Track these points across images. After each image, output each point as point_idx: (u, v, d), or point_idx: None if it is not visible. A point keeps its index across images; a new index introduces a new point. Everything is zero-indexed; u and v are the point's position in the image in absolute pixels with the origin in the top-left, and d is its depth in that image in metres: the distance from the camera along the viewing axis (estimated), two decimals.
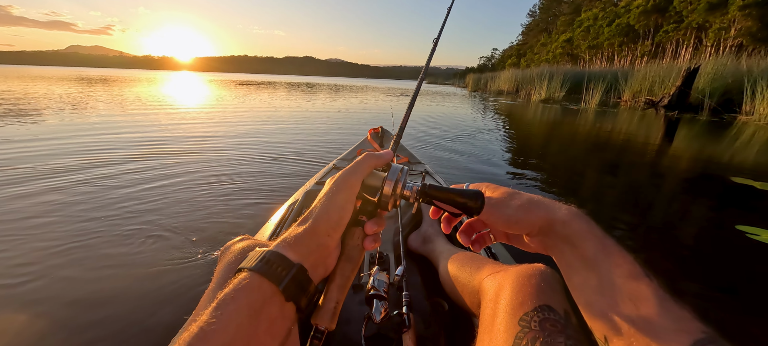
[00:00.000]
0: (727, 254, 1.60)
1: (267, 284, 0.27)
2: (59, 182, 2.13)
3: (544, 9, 51.74)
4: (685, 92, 8.60)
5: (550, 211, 0.35)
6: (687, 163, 3.37)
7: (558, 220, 0.34)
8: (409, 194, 0.37)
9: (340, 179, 0.34)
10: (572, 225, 0.33)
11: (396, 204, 0.37)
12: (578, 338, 0.36)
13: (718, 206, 2.22)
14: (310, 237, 0.32)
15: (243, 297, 0.26)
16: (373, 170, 0.37)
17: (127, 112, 5.66)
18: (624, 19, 23.88)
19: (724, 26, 16.10)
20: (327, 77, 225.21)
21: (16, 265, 1.26)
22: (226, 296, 0.26)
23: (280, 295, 0.28)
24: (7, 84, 12.28)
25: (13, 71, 35.75)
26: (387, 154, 0.38)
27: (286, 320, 0.29)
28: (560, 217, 0.34)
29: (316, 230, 0.32)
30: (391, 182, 0.35)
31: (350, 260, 0.35)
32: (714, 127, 6.11)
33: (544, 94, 12.99)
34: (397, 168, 0.37)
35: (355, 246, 0.35)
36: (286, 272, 0.28)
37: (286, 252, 0.30)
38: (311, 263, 0.31)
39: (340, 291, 0.34)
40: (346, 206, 0.34)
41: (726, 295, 1.29)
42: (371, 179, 0.36)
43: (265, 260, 0.28)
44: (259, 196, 2.02)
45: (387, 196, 0.35)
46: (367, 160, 0.36)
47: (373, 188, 0.36)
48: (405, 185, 0.37)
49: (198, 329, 0.23)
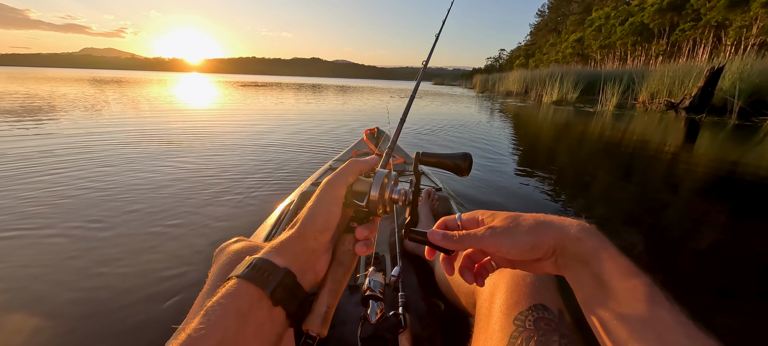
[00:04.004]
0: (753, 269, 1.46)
1: (254, 288, 0.28)
2: (52, 181, 2.15)
3: (554, 8, 50.95)
4: (707, 93, 8.14)
5: (561, 230, 0.32)
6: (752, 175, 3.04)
7: (570, 238, 0.31)
8: (398, 198, 0.36)
9: (325, 185, 0.35)
10: (585, 243, 0.31)
11: (387, 209, 0.36)
12: (572, 337, 0.37)
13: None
14: (297, 242, 0.32)
15: (230, 303, 0.26)
16: (360, 176, 0.36)
17: (129, 113, 5.63)
18: (638, 17, 23.21)
19: (745, 24, 15.44)
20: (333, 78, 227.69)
21: (16, 265, 1.26)
22: (214, 303, 0.26)
23: (268, 299, 0.28)
24: (27, 85, 12.59)
25: (30, 73, 37.41)
26: (372, 160, 0.38)
27: (275, 325, 0.29)
28: (572, 234, 0.31)
29: (302, 234, 0.32)
30: (378, 187, 0.35)
31: (342, 265, 0.35)
32: (749, 132, 5.67)
33: (556, 96, 12.56)
34: (382, 173, 0.36)
35: (346, 251, 0.36)
36: (272, 277, 0.29)
37: (273, 258, 0.30)
38: (299, 267, 0.31)
39: (331, 296, 0.34)
40: (331, 210, 0.34)
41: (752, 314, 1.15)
42: (358, 185, 0.36)
43: (252, 266, 0.29)
44: (255, 197, 2.01)
45: (375, 201, 0.35)
46: (352, 166, 0.36)
47: (361, 193, 0.35)
48: (393, 189, 0.36)
49: (186, 337, 0.24)
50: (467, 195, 2.20)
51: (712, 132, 5.62)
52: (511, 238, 0.33)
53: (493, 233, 0.33)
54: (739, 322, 1.13)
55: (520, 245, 0.32)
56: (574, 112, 8.88)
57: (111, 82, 19.91)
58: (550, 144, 4.51)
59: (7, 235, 1.47)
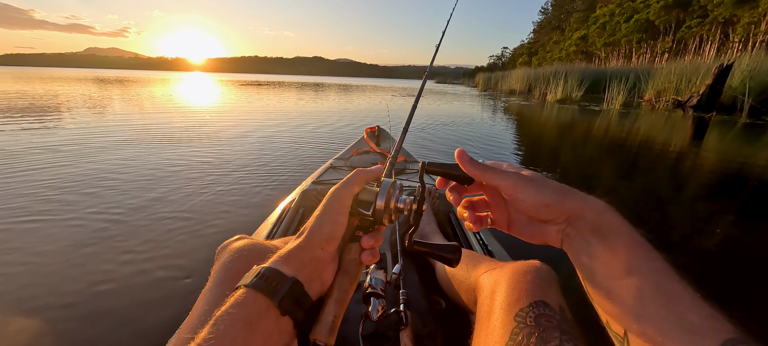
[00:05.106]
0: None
1: (262, 298, 0.28)
2: (55, 175, 2.19)
3: (557, 6, 50.52)
4: (716, 91, 7.97)
5: (585, 200, 0.33)
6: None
7: (591, 209, 0.32)
8: (403, 207, 0.37)
9: (332, 195, 0.35)
10: (605, 217, 0.31)
11: (391, 219, 0.37)
12: (573, 333, 0.37)
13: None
14: (304, 251, 0.32)
15: (239, 312, 0.27)
16: (365, 186, 0.37)
17: (132, 111, 5.64)
18: (643, 14, 22.91)
19: (753, 20, 15.16)
20: (336, 77, 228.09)
21: (15, 266, 1.25)
22: (223, 313, 0.27)
23: (276, 309, 0.28)
24: (32, 85, 12.68)
25: (34, 73, 37.83)
26: (378, 170, 0.39)
27: (282, 334, 0.29)
28: (594, 206, 0.32)
29: (309, 243, 0.33)
30: (384, 197, 0.36)
31: (348, 274, 0.35)
32: (760, 130, 5.51)
33: (561, 94, 12.40)
34: (388, 183, 0.37)
35: (352, 260, 0.36)
36: (280, 286, 0.29)
37: (281, 267, 0.30)
38: (306, 276, 0.31)
39: (338, 305, 0.34)
40: (337, 219, 0.34)
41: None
42: (364, 195, 0.36)
43: (260, 276, 0.29)
44: (256, 195, 2.01)
45: (380, 211, 0.35)
46: (358, 175, 0.37)
47: (367, 202, 0.36)
48: (398, 199, 0.37)
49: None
50: None
51: (721, 131, 5.48)
52: (533, 187, 0.33)
53: (519, 177, 0.33)
54: (744, 323, 1.07)
55: (541, 198, 0.33)
56: (579, 110, 8.74)
57: (115, 81, 20.09)
58: (555, 143, 4.42)
59: (8, 236, 1.46)
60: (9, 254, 1.31)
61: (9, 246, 1.36)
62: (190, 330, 0.40)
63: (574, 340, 0.37)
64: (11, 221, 1.57)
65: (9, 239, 1.42)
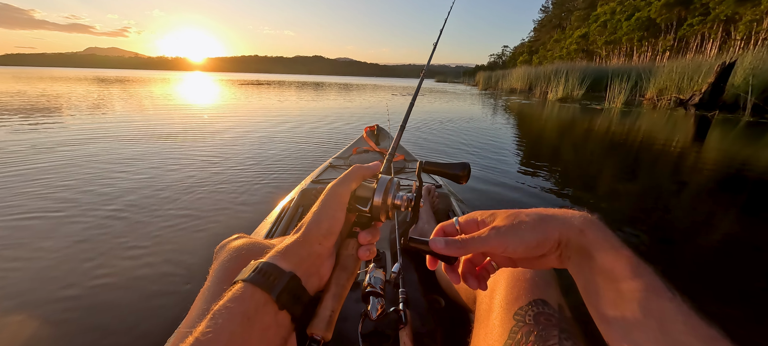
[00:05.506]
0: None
1: (260, 292, 0.28)
2: (54, 174, 2.18)
3: (558, 4, 50.36)
4: (718, 90, 7.92)
5: (564, 222, 0.32)
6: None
7: (574, 230, 0.31)
8: (401, 204, 0.37)
9: (330, 190, 0.35)
10: (587, 234, 0.31)
11: (389, 215, 0.37)
12: (572, 331, 0.37)
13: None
14: (302, 246, 0.32)
15: (236, 306, 0.27)
16: (363, 182, 0.37)
17: (132, 110, 5.65)
18: (644, 12, 22.82)
19: (755, 18, 15.08)
20: (336, 76, 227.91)
21: (16, 262, 1.25)
22: (221, 307, 0.27)
23: (273, 303, 0.28)
24: (32, 85, 12.69)
25: (35, 73, 38.08)
26: (375, 166, 0.39)
27: (280, 328, 0.29)
28: (576, 226, 0.32)
29: (307, 239, 0.33)
30: (381, 193, 0.36)
31: (345, 269, 0.36)
32: (763, 129, 5.48)
33: (562, 93, 12.35)
34: (385, 179, 0.37)
35: (349, 256, 0.36)
36: (278, 281, 0.29)
37: (279, 262, 0.30)
38: (304, 271, 0.31)
39: (335, 300, 0.34)
40: (335, 215, 0.34)
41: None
42: (361, 191, 0.37)
43: (258, 270, 0.29)
44: (255, 194, 2.01)
45: (378, 207, 0.36)
46: (356, 171, 0.37)
47: (364, 199, 0.36)
48: (396, 195, 0.37)
49: (194, 340, 0.25)
50: (468, 192, 2.13)
51: (724, 129, 5.45)
52: (517, 236, 0.32)
53: (498, 233, 0.32)
54: (746, 320, 1.08)
55: (527, 243, 0.31)
56: (581, 109, 8.70)
57: (115, 81, 20.15)
58: (556, 142, 4.39)
59: (8, 236, 1.44)
60: (9, 249, 1.31)
61: (9, 243, 1.36)
62: (188, 327, 0.40)
63: (573, 338, 0.37)
64: (12, 219, 1.56)
65: (9, 236, 1.42)
